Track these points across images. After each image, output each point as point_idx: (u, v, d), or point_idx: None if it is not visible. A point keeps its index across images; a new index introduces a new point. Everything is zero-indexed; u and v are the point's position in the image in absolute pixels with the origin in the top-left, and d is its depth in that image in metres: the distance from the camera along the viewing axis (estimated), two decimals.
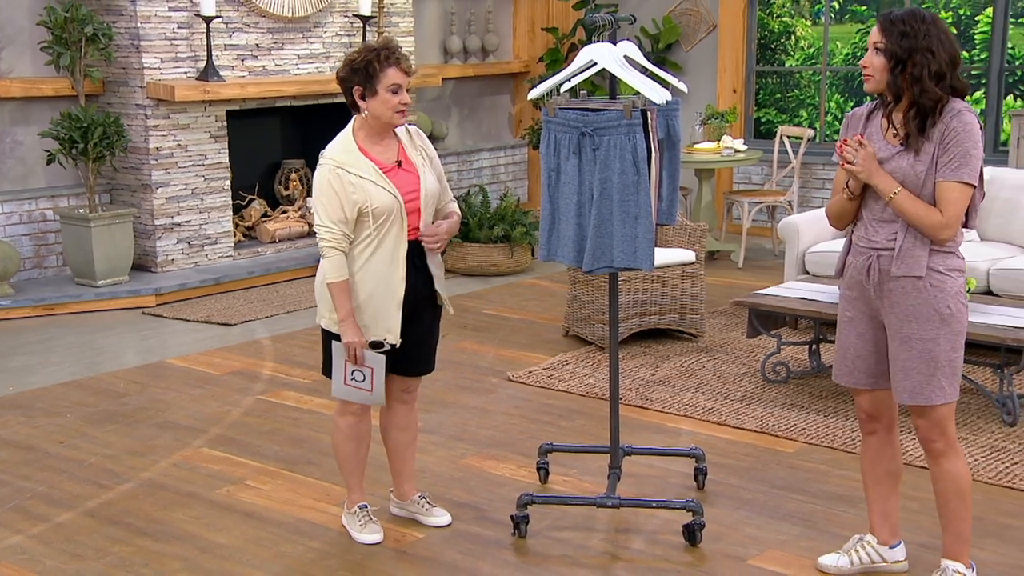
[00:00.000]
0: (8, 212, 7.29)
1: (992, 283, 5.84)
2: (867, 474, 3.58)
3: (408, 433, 3.97)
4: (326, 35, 8.32)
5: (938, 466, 3.35)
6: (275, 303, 7.23)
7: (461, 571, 3.68)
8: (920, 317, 3.25)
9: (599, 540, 3.90)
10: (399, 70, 3.56)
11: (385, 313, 3.64)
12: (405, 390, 3.91)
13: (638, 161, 3.64)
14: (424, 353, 3.87)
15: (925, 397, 3.27)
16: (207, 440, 4.87)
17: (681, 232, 6.28)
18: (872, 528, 3.62)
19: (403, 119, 3.64)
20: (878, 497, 3.57)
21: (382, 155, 3.65)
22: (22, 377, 5.78)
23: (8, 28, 7.31)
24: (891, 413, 3.50)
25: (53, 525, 4.04)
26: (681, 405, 5.22)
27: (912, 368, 3.27)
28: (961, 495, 3.35)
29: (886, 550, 3.59)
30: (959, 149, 3.16)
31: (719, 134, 8.41)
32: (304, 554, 3.81)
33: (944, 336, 3.25)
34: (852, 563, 3.59)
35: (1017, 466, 4.46)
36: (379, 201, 3.57)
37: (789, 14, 9.71)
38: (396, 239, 3.62)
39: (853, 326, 3.44)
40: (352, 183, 3.56)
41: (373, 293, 3.63)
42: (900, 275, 3.26)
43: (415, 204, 3.65)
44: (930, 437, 3.33)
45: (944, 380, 3.27)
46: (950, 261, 3.27)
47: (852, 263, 3.40)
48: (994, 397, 4.98)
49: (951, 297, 3.25)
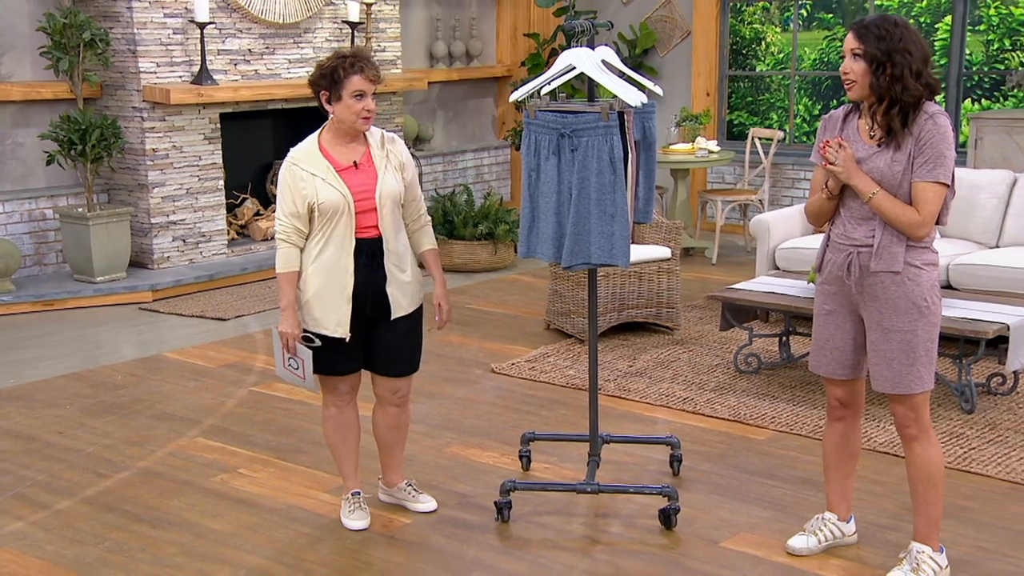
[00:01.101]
0: (9, 211, 7.25)
1: (951, 277, 5.88)
2: (830, 457, 3.62)
3: (398, 432, 3.95)
4: (316, 40, 8.30)
5: (911, 451, 3.39)
6: (267, 298, 7.21)
7: (447, 555, 3.68)
8: (899, 310, 3.27)
9: (579, 524, 3.91)
10: (363, 77, 3.54)
11: (334, 307, 3.63)
12: (393, 392, 3.85)
13: (615, 161, 3.65)
14: (399, 354, 3.79)
15: (905, 386, 3.31)
16: (202, 430, 4.85)
17: (657, 229, 6.29)
18: (831, 506, 3.68)
19: (367, 124, 3.61)
20: (839, 478, 3.63)
21: (342, 156, 3.64)
22: (23, 370, 5.75)
23: (9, 34, 7.27)
24: (861, 401, 3.56)
25: (53, 512, 4.02)
26: (657, 395, 5.23)
27: (893, 358, 3.30)
28: (931, 480, 3.38)
29: (844, 525, 3.68)
30: (934, 151, 3.20)
31: (693, 135, 8.43)
32: (295, 539, 3.80)
33: (922, 327, 3.28)
34: (820, 541, 3.64)
35: (975, 451, 4.49)
36: (325, 197, 3.56)
37: (759, 21, 9.73)
38: (343, 235, 3.60)
39: (832, 319, 3.45)
40: (303, 179, 3.58)
41: (323, 287, 3.62)
42: (879, 270, 3.28)
43: (369, 204, 3.61)
44: (905, 423, 3.37)
45: (922, 369, 3.30)
46: (926, 256, 3.29)
47: (832, 259, 3.41)
48: (953, 386, 5.01)
49: (927, 290, 3.28)
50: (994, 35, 8.71)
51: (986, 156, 7.48)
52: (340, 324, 3.64)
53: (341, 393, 3.82)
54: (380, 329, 3.72)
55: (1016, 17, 8.54)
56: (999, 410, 4.97)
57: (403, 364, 3.82)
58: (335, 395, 3.82)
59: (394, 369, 3.81)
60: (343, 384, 3.80)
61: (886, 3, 9.04)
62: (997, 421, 4.83)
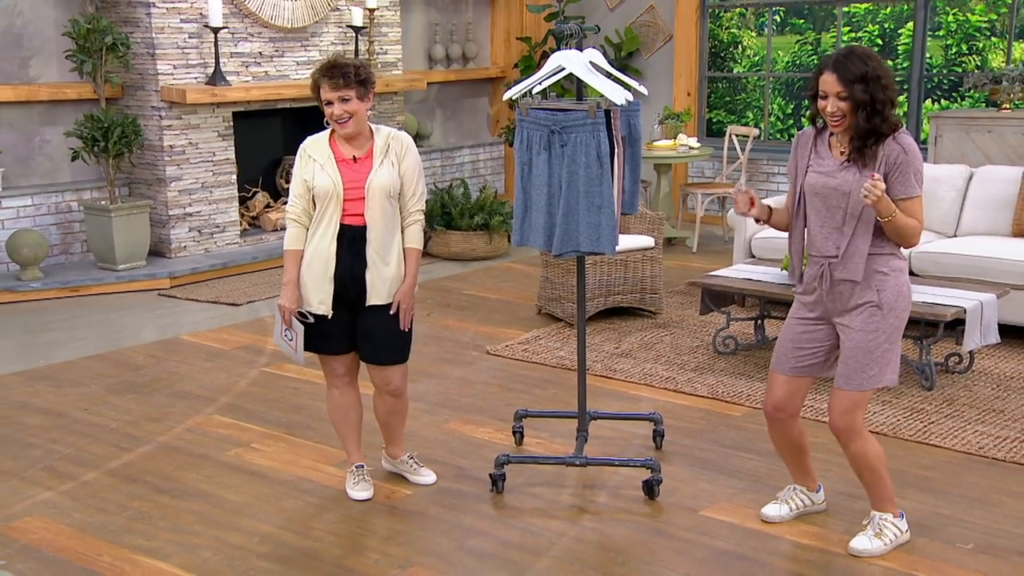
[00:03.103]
0: (37, 204, 7.22)
1: (913, 264, 5.87)
2: (782, 452, 3.63)
3: (396, 417, 3.90)
4: (322, 44, 8.25)
5: (848, 451, 3.38)
6: (277, 285, 7.17)
7: (445, 523, 3.68)
8: (863, 312, 3.25)
9: (568, 495, 3.91)
10: (329, 86, 3.51)
11: (319, 285, 3.63)
12: (385, 383, 3.76)
13: (602, 156, 3.63)
14: (377, 341, 3.67)
15: (857, 383, 3.28)
16: (217, 408, 4.85)
17: (642, 220, 6.28)
18: (797, 482, 3.69)
19: (344, 128, 3.56)
20: (795, 463, 3.64)
21: (347, 150, 3.63)
22: (51, 351, 5.73)
23: (37, 39, 7.22)
24: (796, 405, 3.48)
25: (80, 483, 4.02)
26: (641, 375, 5.23)
27: (850, 356, 3.28)
28: (872, 469, 3.37)
29: (814, 495, 3.69)
30: (912, 169, 3.18)
31: (675, 133, 8.41)
32: (304, 508, 3.80)
33: (883, 329, 3.25)
34: (791, 509, 3.65)
35: (934, 425, 4.50)
36: (319, 183, 3.58)
37: (737, 26, 9.71)
38: (331, 220, 3.60)
39: (796, 323, 3.42)
40: (306, 163, 3.61)
41: (310, 266, 3.63)
42: (844, 279, 3.25)
43: (358, 193, 3.59)
44: (840, 426, 3.32)
45: (875, 369, 3.26)
46: (893, 263, 3.27)
47: (809, 272, 3.37)
48: (914, 365, 5.02)
49: (892, 295, 3.25)
50: (952, 40, 8.70)
51: (945, 152, 7.47)
52: (322, 302, 3.64)
53: (339, 375, 3.80)
54: (361, 315, 3.69)
55: (973, 23, 8.53)
56: (956, 387, 4.98)
57: (383, 352, 3.69)
58: (333, 376, 3.81)
59: (376, 356, 3.71)
60: (337, 365, 3.77)
61: (853, 9, 9.02)
62: (954, 397, 4.84)
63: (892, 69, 8.49)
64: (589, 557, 3.43)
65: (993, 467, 4.10)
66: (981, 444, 4.30)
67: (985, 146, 7.35)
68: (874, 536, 3.40)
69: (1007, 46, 8.27)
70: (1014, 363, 5.32)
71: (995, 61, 8.50)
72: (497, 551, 3.48)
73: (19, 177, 7.25)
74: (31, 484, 4.02)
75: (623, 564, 3.39)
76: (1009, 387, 4.98)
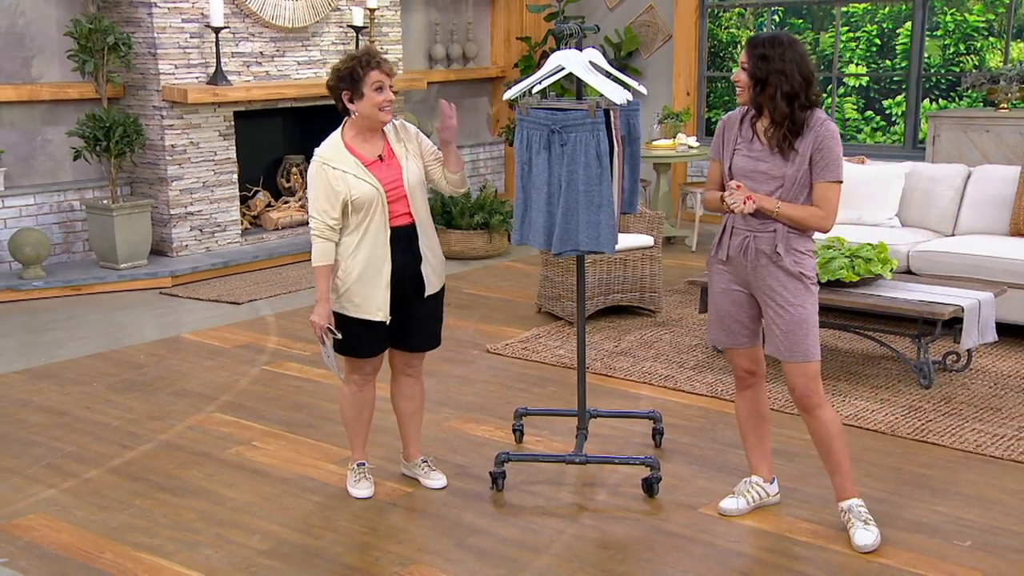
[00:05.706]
0: (40, 203, 7.22)
1: (911, 263, 5.88)
2: (745, 424, 3.68)
3: (413, 402, 3.93)
4: (323, 43, 8.25)
5: (815, 418, 3.43)
6: (278, 284, 7.19)
7: (446, 520, 3.68)
8: (789, 288, 3.37)
9: (568, 493, 3.91)
10: (380, 71, 3.54)
11: (375, 293, 3.61)
12: (408, 364, 3.87)
13: (601, 156, 3.63)
14: (422, 330, 3.79)
15: (802, 353, 3.38)
16: (218, 406, 4.84)
17: (641, 219, 6.28)
18: (754, 469, 3.72)
19: (389, 116, 3.60)
20: (756, 442, 3.68)
21: (367, 151, 3.61)
22: (53, 350, 5.73)
23: (39, 39, 7.22)
24: (763, 365, 3.62)
25: (82, 481, 4.02)
26: (641, 373, 5.23)
27: (788, 331, 3.38)
28: (840, 435, 3.44)
29: (768, 486, 3.72)
30: (831, 154, 3.30)
31: (675, 132, 8.41)
32: (304, 506, 3.80)
33: (809, 302, 3.38)
34: (748, 503, 3.68)
35: (932, 423, 4.50)
36: (359, 192, 3.54)
37: (735, 26, 9.71)
38: (379, 225, 3.58)
39: (728, 295, 3.54)
40: (335, 177, 3.54)
41: (363, 276, 3.60)
42: (768, 252, 3.37)
43: (399, 192, 3.60)
44: (807, 393, 3.41)
45: (813, 339, 3.39)
46: (807, 244, 3.40)
47: (729, 242, 3.48)
48: (912, 363, 5.02)
49: (810, 271, 3.39)
50: (950, 40, 8.70)
51: (943, 151, 7.47)
52: (380, 308, 3.63)
53: (365, 373, 3.81)
54: (412, 306, 3.71)
55: (970, 23, 8.53)
56: (954, 385, 4.98)
57: (432, 338, 3.84)
58: (360, 374, 3.80)
59: (425, 343, 3.82)
60: (368, 365, 3.79)
61: (852, 9, 9.02)
62: (952, 395, 4.84)
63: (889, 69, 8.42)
64: (589, 555, 3.43)
65: (991, 465, 4.10)
66: (979, 442, 4.30)
67: (983, 145, 7.35)
68: (865, 525, 3.42)
69: (1005, 46, 8.27)
70: (1012, 361, 5.32)
71: (993, 61, 8.50)
72: (497, 549, 3.48)
73: (21, 176, 7.25)
74: (33, 482, 4.02)
75: (623, 561, 3.39)
76: (1007, 385, 4.98)
